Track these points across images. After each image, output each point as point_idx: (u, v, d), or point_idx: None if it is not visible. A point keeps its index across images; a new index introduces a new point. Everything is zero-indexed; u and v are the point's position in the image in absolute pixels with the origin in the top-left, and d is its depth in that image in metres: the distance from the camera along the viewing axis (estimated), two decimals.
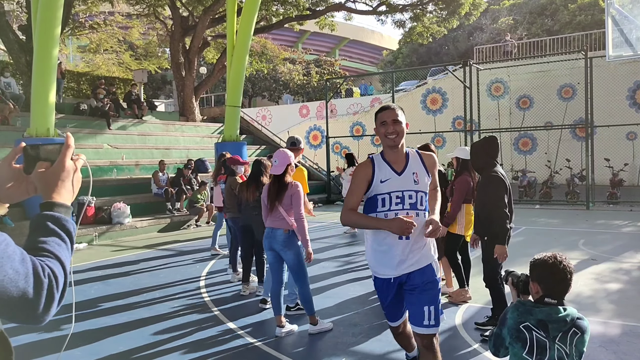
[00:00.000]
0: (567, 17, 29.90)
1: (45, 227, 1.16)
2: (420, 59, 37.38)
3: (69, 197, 1.25)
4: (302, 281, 4.67)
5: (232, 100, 14.10)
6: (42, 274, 1.06)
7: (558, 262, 2.13)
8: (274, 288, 4.72)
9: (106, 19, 21.86)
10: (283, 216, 4.55)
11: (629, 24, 12.01)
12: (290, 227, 4.55)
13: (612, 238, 9.11)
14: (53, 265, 1.10)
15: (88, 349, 4.45)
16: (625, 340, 4.32)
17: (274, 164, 4.63)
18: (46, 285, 1.06)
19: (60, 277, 1.12)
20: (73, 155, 1.29)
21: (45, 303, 1.06)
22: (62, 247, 1.16)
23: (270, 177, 4.78)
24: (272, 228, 4.61)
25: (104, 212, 11.03)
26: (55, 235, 1.16)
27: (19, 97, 14.39)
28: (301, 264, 4.64)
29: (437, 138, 20.27)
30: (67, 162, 1.26)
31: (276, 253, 4.66)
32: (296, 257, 4.60)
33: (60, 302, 1.11)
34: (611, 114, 15.65)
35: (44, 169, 1.25)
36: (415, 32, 21.05)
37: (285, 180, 4.58)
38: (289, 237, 4.56)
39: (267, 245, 4.67)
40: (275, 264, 4.72)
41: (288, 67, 36.62)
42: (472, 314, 5.18)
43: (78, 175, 1.30)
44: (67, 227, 1.19)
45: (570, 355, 2.07)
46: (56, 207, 1.20)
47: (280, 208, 4.54)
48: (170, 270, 7.65)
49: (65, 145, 1.28)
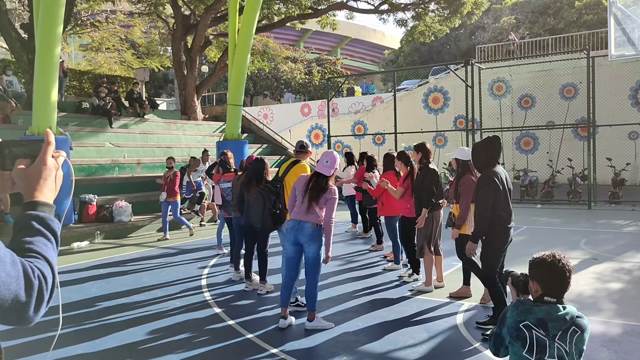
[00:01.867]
0: (574, 15, 29.81)
1: (30, 227, 1.14)
2: (422, 58, 37.34)
3: (51, 195, 1.23)
4: (315, 276, 4.77)
5: (234, 98, 14.10)
6: (32, 276, 1.05)
7: (557, 261, 2.13)
8: (287, 281, 4.82)
9: (108, 17, 21.84)
10: (316, 212, 4.64)
11: (631, 23, 11.97)
12: (319, 221, 4.65)
13: (614, 238, 9.10)
14: (41, 266, 1.09)
15: (90, 346, 4.46)
16: (627, 339, 4.31)
17: (324, 163, 4.70)
18: (37, 287, 1.05)
19: (49, 278, 1.10)
20: (54, 152, 1.26)
21: (35, 304, 1.05)
22: (49, 247, 1.14)
23: (312, 172, 4.85)
24: (300, 220, 4.66)
25: (105, 210, 11.05)
26: (41, 235, 1.14)
27: (21, 96, 14.41)
28: (318, 259, 4.74)
29: (438, 137, 20.25)
30: (48, 160, 1.23)
31: (299, 247, 4.73)
32: (317, 251, 4.71)
33: (49, 302, 1.10)
34: (613, 113, 15.61)
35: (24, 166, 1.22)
36: (417, 31, 21.01)
37: (329, 183, 4.69)
38: (316, 230, 4.66)
39: (292, 238, 4.71)
40: (295, 258, 4.80)
41: (290, 65, 36.60)
42: (474, 313, 5.18)
43: (60, 173, 1.27)
44: (52, 227, 1.17)
45: (570, 354, 2.07)
46: (40, 206, 1.18)
47: (315, 206, 4.63)
48: (172, 268, 7.66)
49: (46, 142, 1.24)
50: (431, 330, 4.68)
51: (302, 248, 4.73)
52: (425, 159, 6.12)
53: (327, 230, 4.67)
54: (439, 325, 4.83)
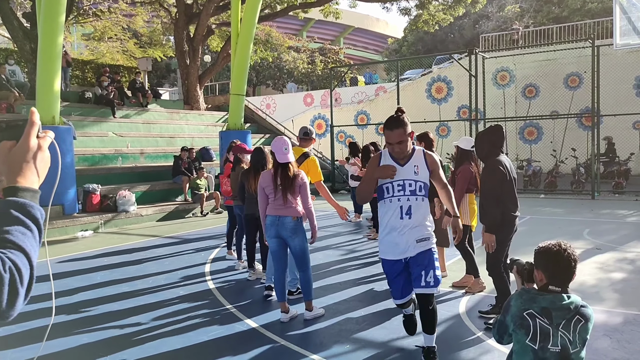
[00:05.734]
0: (578, 3, 29.57)
1: (7, 215, 1.05)
2: (426, 47, 37.13)
3: (35, 179, 1.13)
4: (306, 266, 4.76)
5: (237, 88, 14.07)
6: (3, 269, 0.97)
7: (562, 250, 2.13)
8: (278, 275, 4.77)
9: (110, 6, 21.77)
10: (292, 204, 4.58)
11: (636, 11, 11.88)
12: (299, 214, 4.61)
13: (617, 227, 9.09)
14: (16, 258, 1.01)
15: (95, 335, 4.49)
16: (629, 328, 4.33)
17: (283, 151, 4.58)
18: (7, 280, 0.98)
19: (25, 270, 1.02)
20: (39, 132, 1.15)
21: (8, 299, 0.98)
22: (28, 236, 1.05)
23: (274, 165, 4.73)
24: (280, 216, 4.61)
25: (109, 200, 11.08)
26: (19, 224, 1.05)
27: (24, 85, 14.41)
28: (306, 250, 4.72)
29: (442, 127, 20.16)
30: (31, 141, 1.13)
31: (281, 240, 4.68)
32: (302, 243, 4.68)
33: (27, 296, 1.02)
34: (618, 103, 15.51)
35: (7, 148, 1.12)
36: (421, 20, 20.88)
37: (293, 169, 4.60)
38: (297, 223, 4.63)
39: (274, 233, 4.66)
40: (280, 251, 4.74)
41: (292, 55, 36.44)
42: (476, 302, 5.20)
43: (44, 154, 1.16)
44: (32, 214, 1.07)
45: (573, 343, 2.08)
46: (20, 192, 1.08)
47: (290, 197, 4.57)
48: (175, 257, 7.69)
49: (30, 121, 1.14)
50: None
51: (285, 241, 4.68)
52: (428, 148, 6.10)
53: (309, 215, 4.66)
54: (441, 314, 4.84)
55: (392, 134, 3.41)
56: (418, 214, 3.49)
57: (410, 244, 3.49)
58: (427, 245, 3.53)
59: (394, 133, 3.40)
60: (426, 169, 3.53)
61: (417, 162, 3.52)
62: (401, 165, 3.48)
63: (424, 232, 3.52)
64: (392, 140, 3.42)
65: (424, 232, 3.52)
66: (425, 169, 3.52)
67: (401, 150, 3.44)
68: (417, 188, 3.48)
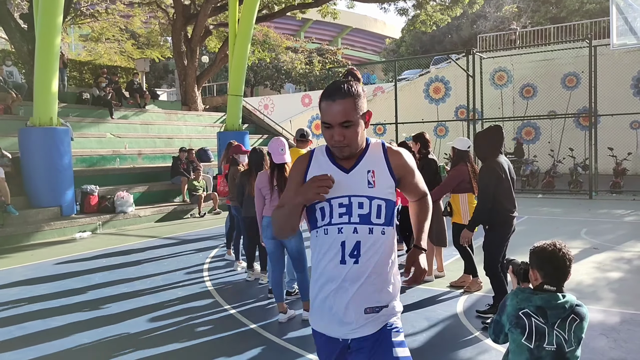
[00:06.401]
0: (576, 4, 29.64)
1: None
2: (423, 48, 37.16)
3: None
4: (303, 267, 4.76)
5: (234, 89, 14.08)
6: None
7: (557, 250, 2.15)
8: (275, 276, 4.78)
9: (107, 7, 21.76)
10: None
11: (633, 12, 11.91)
12: None
13: (614, 227, 9.12)
14: None
15: (94, 334, 4.50)
16: (626, 328, 4.34)
17: (279, 152, 4.60)
18: None
19: None
20: None
21: None
22: None
23: (270, 166, 4.75)
24: None
25: (107, 201, 11.08)
26: None
27: (21, 86, 14.39)
28: (302, 251, 4.72)
29: (439, 127, 20.19)
30: None
31: (278, 241, 4.69)
32: (299, 244, 4.68)
33: None
34: (615, 103, 15.55)
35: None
36: (419, 20, 20.90)
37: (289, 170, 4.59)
38: None
39: (270, 234, 4.67)
40: (277, 252, 4.75)
41: (290, 56, 36.43)
42: (474, 302, 5.21)
43: None
44: None
45: (568, 341, 2.10)
46: None
47: None
48: (174, 258, 7.69)
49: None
50: (431, 319, 4.71)
51: (282, 242, 4.68)
52: (424, 149, 6.13)
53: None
54: (439, 314, 4.87)
55: (332, 108, 1.95)
56: (373, 258, 1.94)
57: (354, 314, 1.94)
58: (382, 321, 1.98)
59: (336, 106, 1.94)
60: (389, 176, 2.02)
61: (374, 164, 2.02)
62: (345, 171, 2.02)
63: (380, 294, 1.97)
64: (331, 120, 1.96)
65: (380, 294, 1.97)
66: (389, 176, 2.02)
67: (347, 143, 1.97)
68: (373, 211, 1.96)
